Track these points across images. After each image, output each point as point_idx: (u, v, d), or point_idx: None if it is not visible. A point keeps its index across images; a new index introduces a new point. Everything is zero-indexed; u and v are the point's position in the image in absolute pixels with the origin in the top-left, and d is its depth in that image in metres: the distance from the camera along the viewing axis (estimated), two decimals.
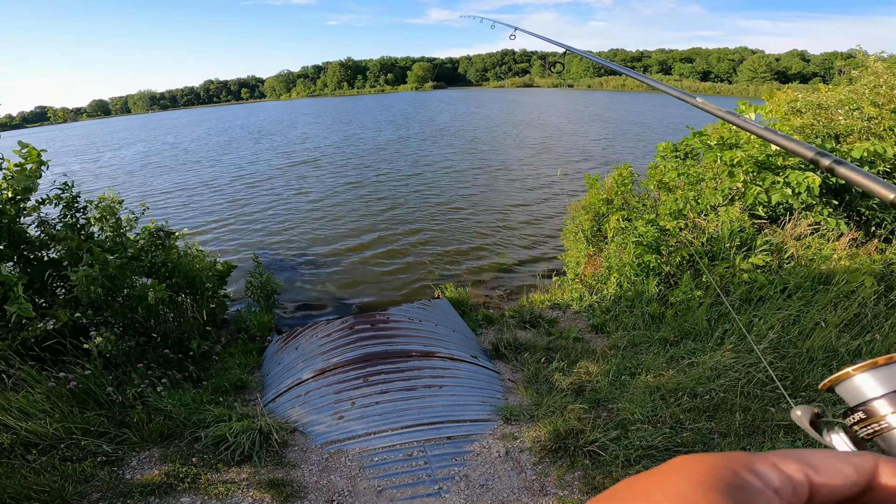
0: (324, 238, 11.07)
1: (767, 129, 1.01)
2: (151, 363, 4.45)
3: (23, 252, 4.48)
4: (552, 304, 6.52)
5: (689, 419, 3.46)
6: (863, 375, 0.51)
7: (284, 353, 5.16)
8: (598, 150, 21.75)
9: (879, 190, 0.74)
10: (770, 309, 4.35)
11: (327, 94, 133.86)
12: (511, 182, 15.64)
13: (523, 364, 4.74)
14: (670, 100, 38.05)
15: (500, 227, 11.32)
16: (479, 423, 3.73)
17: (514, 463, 3.30)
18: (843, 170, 0.82)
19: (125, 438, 3.39)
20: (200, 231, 11.84)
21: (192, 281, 5.56)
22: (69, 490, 2.82)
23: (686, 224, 5.60)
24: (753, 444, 3.15)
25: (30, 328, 3.82)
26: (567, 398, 3.88)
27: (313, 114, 57.84)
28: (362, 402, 3.91)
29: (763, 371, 3.71)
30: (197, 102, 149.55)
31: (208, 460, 3.26)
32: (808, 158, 0.90)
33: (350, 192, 15.37)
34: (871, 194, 0.75)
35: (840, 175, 0.82)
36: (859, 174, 0.78)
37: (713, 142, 6.00)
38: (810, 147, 0.91)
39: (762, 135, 1.02)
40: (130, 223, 5.22)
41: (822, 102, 6.50)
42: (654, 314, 5.15)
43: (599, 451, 3.23)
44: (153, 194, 16.77)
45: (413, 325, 5.31)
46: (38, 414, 3.26)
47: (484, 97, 73.61)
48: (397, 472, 3.24)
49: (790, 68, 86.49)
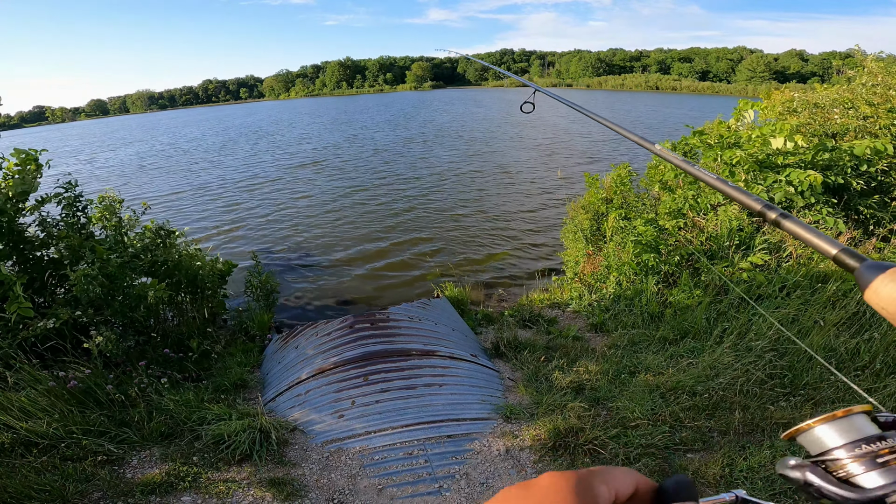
0: (323, 237, 11.07)
1: (719, 179, 1.03)
2: (151, 362, 4.45)
3: (22, 251, 4.48)
4: (551, 303, 6.53)
5: (689, 417, 3.47)
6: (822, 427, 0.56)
7: (284, 352, 5.16)
8: (596, 150, 21.78)
9: (822, 245, 0.75)
10: (769, 308, 4.36)
11: (326, 93, 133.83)
12: (510, 183, 15.65)
13: (523, 363, 4.74)
14: (670, 100, 38.07)
15: (500, 227, 11.33)
16: (479, 422, 3.74)
17: (515, 461, 3.31)
18: (788, 223, 0.84)
19: (125, 437, 3.39)
20: (197, 230, 11.83)
21: (192, 280, 5.56)
22: (70, 489, 2.82)
23: (685, 223, 5.61)
24: (753, 441, 3.16)
25: (30, 327, 3.82)
26: (567, 397, 3.88)
27: (312, 113, 57.83)
28: (362, 400, 3.91)
29: (762, 369, 3.72)
30: (195, 102, 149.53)
31: (209, 459, 3.27)
32: (756, 211, 0.92)
33: (349, 192, 15.37)
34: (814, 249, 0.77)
35: (785, 228, 0.84)
36: (803, 228, 0.80)
37: (713, 140, 6.01)
38: (758, 199, 0.92)
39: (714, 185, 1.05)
40: (131, 222, 5.22)
41: (819, 102, 6.52)
42: (654, 313, 5.16)
43: (599, 449, 3.23)
44: (152, 197, 16.74)
45: (413, 323, 5.31)
46: (39, 413, 3.27)
47: (483, 97, 73.59)
48: (398, 470, 3.25)
49: (789, 68, 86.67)
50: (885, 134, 5.43)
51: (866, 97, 5.91)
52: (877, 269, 0.62)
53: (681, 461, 3.11)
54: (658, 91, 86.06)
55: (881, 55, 6.60)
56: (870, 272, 0.62)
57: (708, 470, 2.95)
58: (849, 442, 0.54)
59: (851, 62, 6.78)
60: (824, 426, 0.56)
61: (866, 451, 0.52)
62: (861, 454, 0.52)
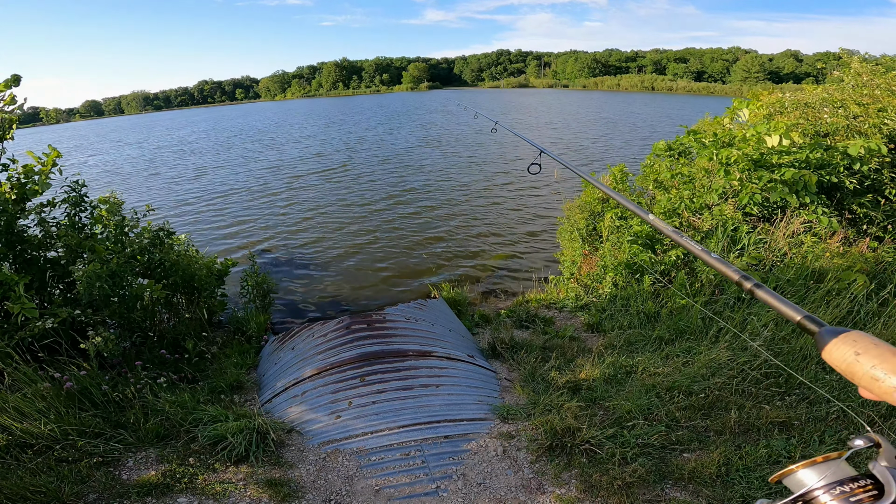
0: (319, 239, 11.05)
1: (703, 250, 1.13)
2: (147, 363, 4.44)
3: (21, 252, 4.48)
4: (548, 303, 6.54)
5: (685, 417, 3.48)
6: (804, 471, 0.66)
7: (281, 353, 5.15)
8: (597, 150, 21.84)
9: (789, 312, 0.86)
10: (764, 307, 4.38)
11: (322, 94, 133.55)
12: (508, 184, 15.65)
13: (520, 363, 4.75)
14: (669, 101, 38.22)
15: (497, 227, 11.34)
16: (475, 422, 3.74)
17: (512, 461, 3.32)
18: (761, 293, 0.94)
19: (121, 439, 3.39)
20: (194, 232, 11.80)
21: (189, 281, 5.54)
22: (65, 491, 2.82)
23: (681, 223, 5.63)
24: (748, 441, 3.18)
25: (28, 327, 3.80)
26: (563, 396, 3.89)
27: (306, 114, 57.72)
28: (359, 401, 3.91)
29: (758, 369, 3.74)
30: (191, 103, 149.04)
31: (205, 460, 3.26)
32: (735, 281, 1.02)
33: (345, 194, 15.36)
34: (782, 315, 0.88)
35: (759, 297, 0.95)
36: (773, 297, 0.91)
37: (707, 140, 6.04)
38: (736, 270, 1.03)
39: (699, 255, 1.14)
40: (132, 223, 5.22)
41: (808, 101, 6.58)
42: (650, 313, 5.18)
43: (596, 448, 3.24)
44: (147, 201, 16.69)
45: (410, 324, 5.31)
46: (34, 414, 3.25)
47: (481, 98, 73.62)
48: (395, 471, 3.25)
49: (783, 68, 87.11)
50: (875, 133, 5.47)
51: (855, 97, 5.97)
52: (831, 335, 0.73)
53: (677, 461, 3.12)
54: (654, 91, 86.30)
55: (866, 56, 6.69)
56: (827, 336, 0.74)
57: (704, 469, 2.97)
58: (827, 484, 0.63)
59: (843, 63, 6.84)
60: (806, 469, 0.66)
61: (841, 491, 0.61)
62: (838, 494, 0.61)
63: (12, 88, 4.45)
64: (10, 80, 4.41)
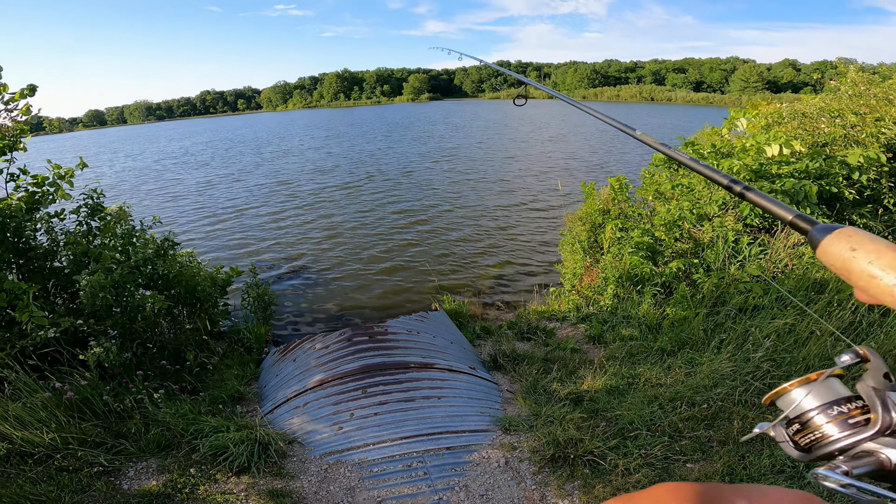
0: (320, 252, 11.08)
1: (692, 159, 1.11)
2: (148, 374, 4.44)
3: (26, 261, 4.50)
4: (549, 315, 6.53)
5: (688, 427, 3.47)
6: (798, 389, 0.61)
7: (282, 364, 5.14)
8: (596, 159, 21.93)
9: (779, 211, 0.83)
10: (765, 318, 4.38)
11: (324, 105, 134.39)
12: (510, 195, 15.72)
13: (521, 375, 4.74)
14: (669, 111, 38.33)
15: (498, 240, 11.36)
16: (478, 434, 3.73)
17: (514, 472, 3.30)
18: (751, 194, 0.91)
19: (122, 449, 3.37)
20: (196, 245, 11.83)
21: (191, 292, 5.55)
22: (66, 500, 2.81)
23: (681, 234, 5.64)
24: (752, 451, 3.16)
25: (30, 336, 3.81)
26: (565, 408, 3.88)
27: (307, 125, 58.00)
28: (361, 413, 3.90)
29: (761, 380, 3.74)
30: (193, 113, 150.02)
31: (206, 471, 3.25)
32: (724, 185, 1.00)
33: (346, 206, 15.42)
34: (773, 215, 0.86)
35: (749, 199, 0.92)
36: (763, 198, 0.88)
37: (706, 150, 6.07)
38: (725, 175, 1.00)
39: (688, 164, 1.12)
40: (139, 233, 5.25)
41: (806, 111, 6.63)
42: (651, 324, 5.18)
43: (599, 459, 3.23)
44: (149, 211, 16.75)
45: (411, 336, 5.31)
46: (35, 423, 3.25)
47: (481, 109, 73.99)
48: (397, 482, 3.23)
49: (782, 78, 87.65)
50: (872, 142, 5.51)
51: (851, 107, 6.02)
52: (825, 231, 0.68)
53: (680, 471, 3.11)
54: (653, 102, 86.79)
55: (863, 65, 6.76)
56: (819, 234, 0.69)
57: (708, 480, 2.95)
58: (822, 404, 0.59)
59: (833, 73, 6.93)
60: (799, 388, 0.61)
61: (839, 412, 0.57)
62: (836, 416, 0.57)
63: (27, 98, 4.47)
64: (25, 89, 4.42)
